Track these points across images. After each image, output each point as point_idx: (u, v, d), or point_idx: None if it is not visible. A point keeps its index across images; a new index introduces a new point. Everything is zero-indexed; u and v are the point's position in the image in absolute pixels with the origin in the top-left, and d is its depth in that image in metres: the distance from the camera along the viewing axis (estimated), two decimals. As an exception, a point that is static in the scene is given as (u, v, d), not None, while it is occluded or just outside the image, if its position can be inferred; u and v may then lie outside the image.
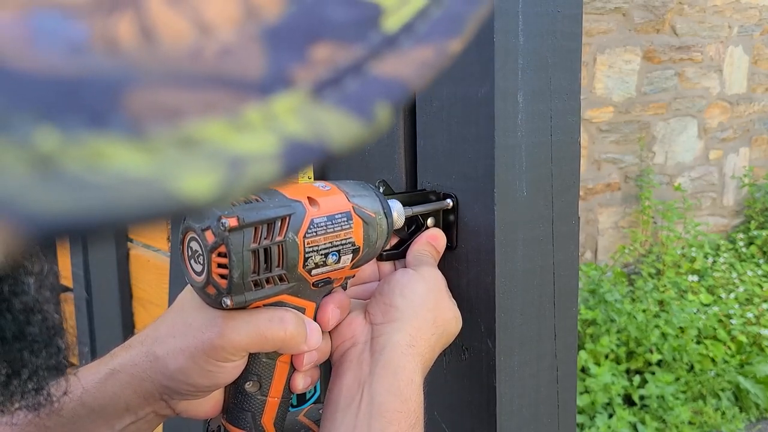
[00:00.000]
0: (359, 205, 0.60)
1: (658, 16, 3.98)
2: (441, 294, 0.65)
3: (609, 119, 3.93)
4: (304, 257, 0.56)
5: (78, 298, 1.57)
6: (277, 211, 0.55)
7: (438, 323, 0.63)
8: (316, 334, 0.59)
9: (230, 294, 0.53)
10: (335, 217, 0.58)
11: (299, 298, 0.59)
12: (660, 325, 3.28)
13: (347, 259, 0.60)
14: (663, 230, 4.05)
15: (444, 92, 0.70)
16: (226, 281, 0.53)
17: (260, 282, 0.55)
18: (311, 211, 0.57)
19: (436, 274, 0.66)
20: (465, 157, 0.68)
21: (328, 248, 0.58)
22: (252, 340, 0.55)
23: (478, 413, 0.71)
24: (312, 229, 0.56)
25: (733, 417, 2.96)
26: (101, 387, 0.57)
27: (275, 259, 0.55)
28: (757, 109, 4.64)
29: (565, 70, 0.70)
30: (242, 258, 0.53)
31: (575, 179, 0.72)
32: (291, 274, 0.56)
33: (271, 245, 0.54)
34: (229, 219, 0.52)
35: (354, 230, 0.59)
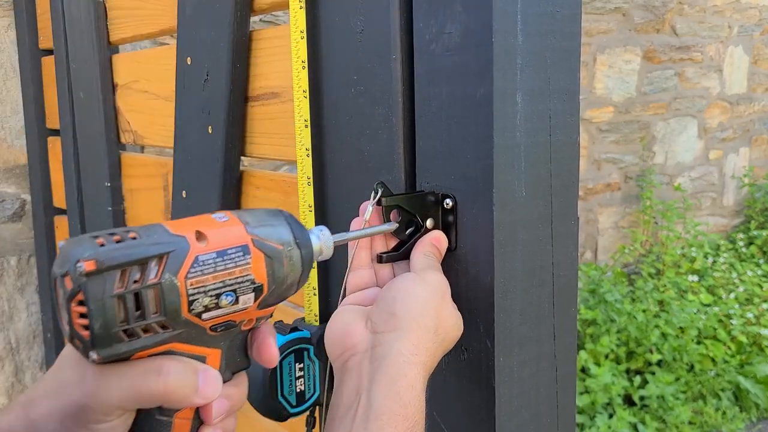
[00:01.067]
0: (260, 237, 0.53)
1: (658, 16, 3.98)
2: (443, 300, 0.65)
3: (609, 119, 3.93)
4: (188, 300, 0.49)
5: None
6: (150, 249, 0.48)
7: (439, 331, 0.63)
8: (213, 383, 0.52)
9: (95, 347, 0.47)
10: (227, 252, 0.51)
11: (195, 345, 0.52)
12: (660, 325, 3.28)
13: (248, 299, 0.52)
14: (663, 230, 4.05)
15: (443, 92, 0.70)
16: (88, 332, 0.47)
17: (134, 331, 0.48)
18: (197, 247, 0.50)
19: (439, 278, 0.66)
20: (464, 157, 0.68)
21: (219, 288, 0.51)
22: (126, 397, 0.48)
23: (477, 413, 0.71)
24: (196, 267, 0.49)
25: (733, 417, 2.96)
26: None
27: (150, 305, 0.48)
28: (757, 109, 4.64)
29: (564, 70, 0.70)
30: (104, 306, 0.46)
31: (574, 179, 0.72)
32: (174, 320, 0.49)
33: (141, 289, 0.47)
34: (86, 262, 0.46)
35: (253, 266, 0.52)
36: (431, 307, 0.63)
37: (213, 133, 1.02)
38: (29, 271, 1.76)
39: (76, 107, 1.46)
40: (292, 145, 0.93)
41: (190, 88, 1.07)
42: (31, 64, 1.64)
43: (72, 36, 1.43)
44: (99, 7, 1.34)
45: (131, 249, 0.48)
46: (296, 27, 0.83)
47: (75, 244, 0.48)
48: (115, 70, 1.38)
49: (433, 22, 0.69)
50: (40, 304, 1.77)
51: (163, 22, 1.20)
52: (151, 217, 1.33)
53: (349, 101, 0.80)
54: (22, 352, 1.77)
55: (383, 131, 0.76)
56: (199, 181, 1.08)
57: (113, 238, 0.48)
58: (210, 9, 0.99)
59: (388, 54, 0.74)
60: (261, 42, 0.98)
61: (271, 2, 0.94)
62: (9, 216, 1.73)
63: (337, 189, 0.84)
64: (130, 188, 1.39)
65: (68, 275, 0.47)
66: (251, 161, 1.99)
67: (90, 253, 0.46)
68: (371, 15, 0.75)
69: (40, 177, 1.68)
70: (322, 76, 0.83)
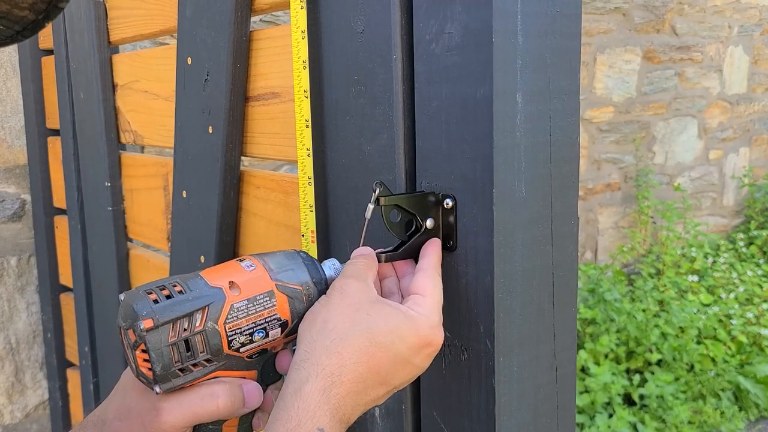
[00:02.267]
0: (283, 282, 0.64)
1: (658, 16, 3.98)
2: (349, 307, 0.63)
3: (609, 119, 3.93)
4: (228, 341, 0.61)
5: (78, 298, 1.57)
6: (194, 304, 0.59)
7: (337, 331, 0.61)
8: (256, 396, 0.64)
9: (158, 383, 0.59)
10: (257, 298, 0.62)
11: (236, 371, 0.63)
12: (660, 325, 3.28)
13: (276, 333, 0.64)
14: (663, 230, 4.05)
15: (443, 93, 0.70)
16: (151, 373, 0.58)
17: (187, 368, 0.60)
18: (231, 297, 0.61)
19: (354, 287, 0.64)
20: (464, 157, 0.68)
21: (252, 328, 0.62)
22: (189, 418, 0.61)
23: (477, 413, 0.71)
24: (232, 314, 0.60)
25: (732, 417, 2.96)
26: None
27: (198, 347, 0.59)
28: (757, 109, 4.64)
29: (564, 70, 0.70)
30: (162, 353, 0.58)
31: (574, 179, 0.72)
32: (217, 356, 0.61)
33: (190, 336, 0.59)
34: (145, 321, 0.57)
35: (278, 307, 0.63)
36: (330, 318, 0.62)
37: (213, 133, 1.02)
38: (29, 271, 1.76)
39: (76, 107, 1.46)
40: (293, 145, 0.93)
41: (190, 88, 1.07)
42: (31, 64, 1.64)
43: (72, 36, 1.43)
44: (99, 7, 1.34)
45: (179, 305, 0.59)
46: (297, 27, 0.83)
47: (134, 300, 0.59)
48: (115, 70, 1.38)
49: (434, 22, 0.70)
50: (40, 304, 1.77)
51: (163, 22, 1.20)
52: (151, 217, 1.33)
53: (350, 101, 0.80)
54: (22, 352, 1.77)
55: (383, 131, 0.76)
56: (199, 181, 1.08)
57: (163, 292, 0.59)
58: (210, 9, 0.99)
59: (389, 54, 0.74)
60: (261, 42, 0.98)
61: (271, 2, 0.94)
62: (9, 216, 1.73)
63: (337, 189, 0.84)
64: (130, 188, 1.39)
65: (131, 330, 0.58)
66: (251, 161, 1.99)
67: (147, 312, 0.57)
68: (372, 15, 0.75)
69: (40, 177, 1.68)
70: (322, 76, 0.83)
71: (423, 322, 0.62)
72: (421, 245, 0.70)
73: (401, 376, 0.62)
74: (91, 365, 1.55)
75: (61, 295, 1.73)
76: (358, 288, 0.63)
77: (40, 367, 1.79)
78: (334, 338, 0.59)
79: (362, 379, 0.59)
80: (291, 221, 0.95)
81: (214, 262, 1.06)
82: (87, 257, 1.51)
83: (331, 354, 0.59)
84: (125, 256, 1.42)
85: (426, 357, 0.63)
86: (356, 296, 0.62)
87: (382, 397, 0.62)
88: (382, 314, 0.61)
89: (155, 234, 1.32)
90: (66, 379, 1.76)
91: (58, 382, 1.75)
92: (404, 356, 0.61)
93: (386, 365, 0.60)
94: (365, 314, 0.61)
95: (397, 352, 0.60)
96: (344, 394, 0.58)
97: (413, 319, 0.62)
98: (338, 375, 0.58)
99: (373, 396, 0.61)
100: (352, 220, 0.81)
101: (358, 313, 0.61)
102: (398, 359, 0.60)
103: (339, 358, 0.58)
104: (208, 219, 1.06)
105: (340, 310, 0.61)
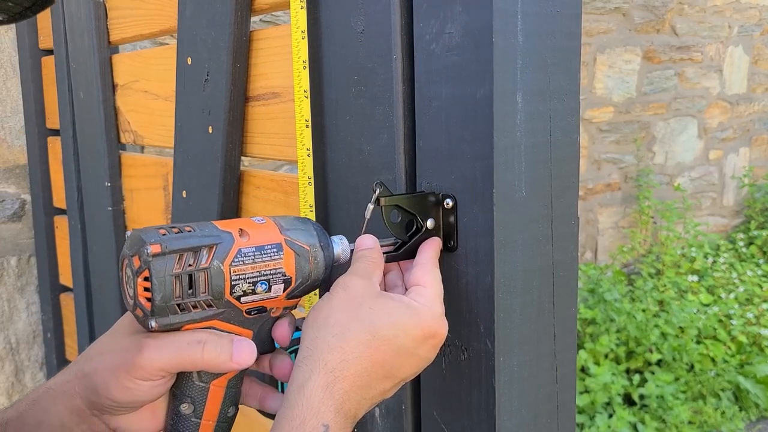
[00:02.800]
0: (291, 238, 0.63)
1: (658, 16, 3.98)
2: (352, 303, 0.62)
3: (609, 119, 3.93)
4: (231, 284, 0.60)
5: (78, 298, 1.57)
6: (203, 240, 0.59)
7: (342, 328, 0.60)
8: (247, 352, 0.61)
9: (154, 316, 0.57)
10: (264, 247, 0.61)
11: (233, 325, 0.62)
12: (660, 325, 3.28)
13: (279, 289, 0.63)
14: (663, 230, 4.05)
15: (443, 93, 0.70)
16: (150, 303, 0.57)
17: (186, 306, 0.58)
18: (240, 242, 0.60)
19: (354, 283, 0.63)
20: (464, 157, 0.68)
21: (255, 277, 0.61)
22: (170, 361, 0.58)
23: (477, 413, 0.71)
24: (239, 257, 0.60)
25: (732, 417, 2.96)
26: (37, 404, 0.62)
27: (200, 285, 0.58)
28: (757, 109, 4.64)
29: (565, 70, 0.70)
30: (164, 282, 0.57)
31: (574, 179, 0.72)
32: (218, 300, 0.60)
33: (195, 271, 0.58)
34: (153, 246, 0.56)
35: (285, 261, 0.62)
36: (332, 315, 0.61)
37: (213, 133, 1.02)
38: (29, 271, 1.76)
39: (76, 107, 1.46)
40: (293, 145, 0.93)
41: (190, 88, 1.07)
42: (31, 64, 1.64)
43: (72, 36, 1.43)
44: (99, 7, 1.34)
45: (188, 239, 0.58)
46: (297, 27, 0.83)
47: (142, 231, 0.58)
48: (115, 70, 1.38)
49: (434, 22, 0.70)
50: (40, 304, 1.77)
51: (163, 22, 1.20)
52: (151, 217, 1.33)
53: (350, 101, 0.80)
54: (22, 352, 1.77)
55: (384, 131, 0.76)
56: (199, 180, 1.08)
57: (173, 230, 0.59)
58: (210, 9, 0.99)
59: (389, 54, 0.74)
60: (261, 42, 0.98)
61: (271, 2, 0.94)
62: (9, 216, 1.73)
63: (337, 189, 0.84)
64: (130, 188, 1.39)
65: (137, 255, 0.57)
66: (251, 161, 1.99)
67: (156, 239, 0.57)
68: (372, 15, 0.75)
69: (40, 177, 1.68)
70: (322, 76, 0.83)
71: (426, 312, 0.62)
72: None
73: (407, 368, 0.61)
74: (91, 365, 1.55)
75: (61, 295, 1.73)
76: (361, 285, 0.63)
77: (40, 367, 1.79)
78: (336, 333, 0.59)
79: (366, 373, 0.58)
80: (291, 221, 0.95)
81: (214, 262, 1.06)
82: (87, 257, 1.51)
83: (333, 349, 0.58)
84: (125, 256, 1.41)
85: (431, 348, 0.62)
86: (358, 292, 0.62)
87: (389, 391, 0.62)
88: (385, 308, 0.61)
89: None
90: (66, 379, 1.75)
91: (58, 382, 1.75)
92: (408, 348, 0.60)
93: (390, 358, 0.60)
94: (367, 308, 0.60)
95: (401, 345, 0.60)
96: (348, 388, 0.57)
97: (416, 310, 0.61)
98: (341, 370, 0.57)
99: (379, 390, 0.60)
100: (352, 220, 0.81)
101: (361, 307, 0.60)
102: (402, 351, 0.60)
103: (341, 353, 0.58)
104: (208, 219, 1.06)
105: (342, 306, 0.61)
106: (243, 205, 1.06)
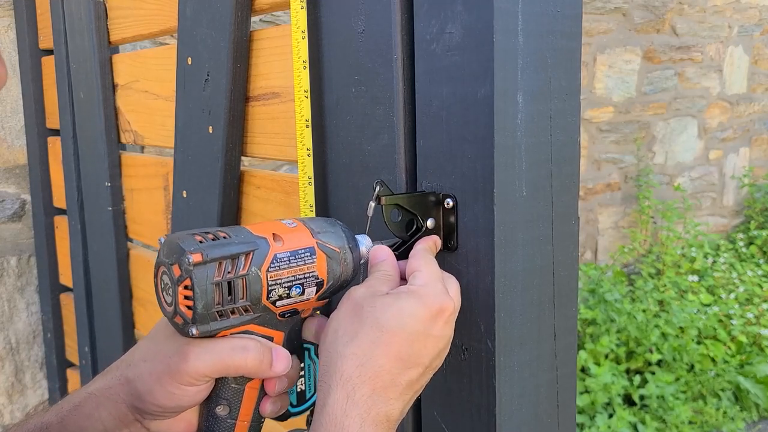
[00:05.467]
0: (323, 241, 0.64)
1: (658, 16, 3.98)
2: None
3: (609, 119, 3.93)
4: (268, 290, 0.60)
5: (78, 298, 1.57)
6: (240, 247, 0.59)
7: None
8: (284, 361, 0.63)
9: (195, 324, 0.58)
10: (299, 252, 0.62)
11: (267, 328, 0.63)
12: (660, 325, 3.28)
13: (311, 292, 0.64)
14: (663, 230, 4.05)
15: (444, 92, 0.70)
16: (191, 312, 0.57)
17: (225, 312, 0.59)
18: (275, 247, 0.61)
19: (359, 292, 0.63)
20: (464, 157, 0.68)
21: (291, 281, 0.62)
22: (215, 367, 0.59)
23: (477, 413, 0.71)
24: (275, 263, 0.61)
25: (733, 417, 2.96)
26: (79, 410, 0.63)
27: (239, 292, 0.59)
28: (757, 109, 4.64)
29: (565, 70, 0.70)
30: (206, 290, 0.57)
31: (575, 179, 0.72)
32: (255, 305, 0.60)
33: (234, 279, 0.58)
34: (194, 255, 0.56)
35: (317, 264, 0.63)
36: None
37: (213, 132, 1.02)
38: (29, 271, 1.76)
39: (76, 107, 1.46)
40: (293, 145, 0.93)
41: (190, 88, 1.07)
42: (31, 64, 1.64)
43: (72, 36, 1.43)
44: (99, 7, 1.34)
45: (226, 246, 0.59)
46: (297, 27, 0.83)
47: (179, 239, 0.58)
48: (115, 70, 1.38)
49: (434, 22, 0.70)
50: (40, 304, 1.77)
51: (163, 22, 1.20)
52: (151, 218, 1.33)
53: (350, 101, 0.80)
54: (22, 352, 1.77)
55: (384, 131, 0.76)
56: (199, 181, 1.08)
57: (209, 236, 0.59)
58: (210, 9, 0.99)
59: (389, 54, 0.74)
60: (261, 42, 0.98)
61: (271, 2, 0.94)
62: (9, 216, 1.73)
63: (338, 188, 0.84)
64: (130, 188, 1.39)
65: (176, 264, 0.57)
66: (251, 161, 1.99)
67: (196, 247, 0.57)
68: (372, 15, 0.75)
69: (40, 177, 1.68)
70: (323, 76, 0.83)
71: (426, 292, 0.62)
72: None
73: (428, 351, 0.61)
74: (91, 365, 1.55)
75: (61, 295, 1.73)
76: (362, 291, 0.63)
77: (40, 367, 1.79)
78: (345, 342, 0.59)
79: (386, 371, 0.58)
80: (291, 221, 0.95)
81: (214, 262, 1.05)
82: (87, 257, 1.51)
83: (346, 358, 0.58)
84: (125, 256, 1.42)
85: (444, 324, 0.62)
86: (360, 297, 0.62)
87: (418, 380, 0.61)
88: (386, 302, 0.61)
89: (155, 234, 1.32)
90: (66, 379, 1.76)
91: (58, 382, 1.75)
92: (420, 331, 0.60)
93: (405, 348, 0.59)
94: (369, 308, 0.60)
95: (411, 331, 0.59)
96: (370, 392, 0.57)
97: (415, 293, 0.61)
98: (358, 376, 0.57)
99: (406, 381, 0.59)
100: (353, 220, 0.81)
101: (363, 310, 0.61)
102: (415, 337, 0.60)
103: (355, 359, 0.58)
104: (208, 219, 1.06)
105: (348, 315, 0.61)
106: (243, 205, 1.06)
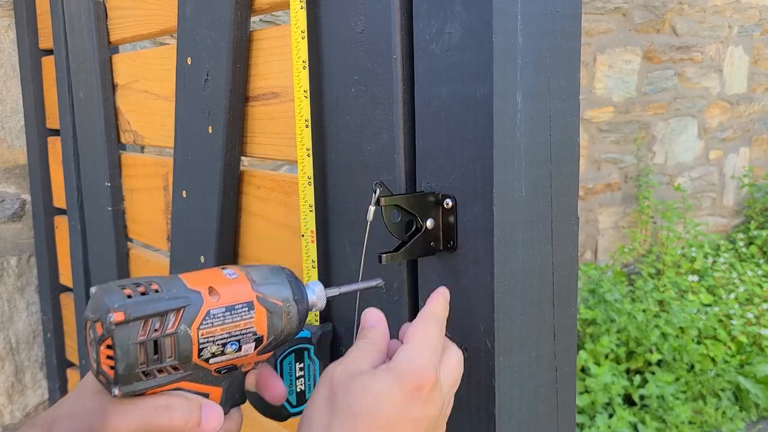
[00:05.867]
0: (264, 294, 0.61)
1: (658, 16, 3.98)
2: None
3: (609, 119, 3.93)
4: (199, 348, 0.57)
5: (78, 298, 1.57)
6: (170, 303, 0.56)
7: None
8: (215, 420, 0.59)
9: (118, 384, 0.55)
10: (235, 307, 0.59)
11: (201, 384, 0.59)
12: (660, 325, 3.28)
13: (249, 348, 0.60)
14: (663, 230, 4.05)
15: (443, 92, 0.70)
16: (113, 372, 0.54)
17: (151, 372, 0.56)
18: (209, 302, 0.58)
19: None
20: (464, 157, 0.68)
21: (225, 338, 0.58)
22: (135, 427, 0.55)
23: (477, 413, 0.71)
24: (208, 320, 0.57)
25: (733, 417, 2.96)
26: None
27: (166, 351, 0.56)
28: (757, 109, 4.64)
29: (564, 70, 0.70)
30: (128, 351, 0.54)
31: (574, 179, 0.72)
32: (185, 364, 0.57)
33: (161, 338, 0.55)
34: (116, 314, 0.53)
35: (256, 319, 0.60)
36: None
37: (213, 132, 1.02)
38: (29, 271, 1.76)
39: (76, 107, 1.46)
40: (293, 145, 0.93)
41: (190, 88, 1.07)
42: (31, 64, 1.64)
43: (72, 36, 1.43)
44: (99, 7, 1.34)
45: (154, 303, 0.55)
46: (297, 27, 0.83)
47: (106, 293, 0.55)
48: (115, 70, 1.38)
49: (434, 22, 0.70)
50: (40, 304, 1.77)
51: (163, 22, 1.20)
52: (151, 217, 1.33)
53: (350, 101, 0.80)
54: (22, 352, 1.77)
55: (383, 131, 0.76)
56: (199, 181, 1.08)
57: (138, 289, 0.56)
58: (210, 9, 0.99)
59: (389, 54, 0.74)
60: (261, 42, 0.98)
61: (271, 2, 0.94)
62: (9, 216, 1.73)
63: (337, 188, 0.84)
64: (130, 188, 1.39)
65: (99, 322, 0.54)
66: (251, 161, 1.99)
67: (119, 305, 0.54)
68: (372, 15, 0.75)
69: (40, 177, 1.68)
70: (322, 76, 0.83)
71: (404, 368, 0.57)
72: (422, 246, 0.70)
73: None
74: (91, 365, 1.55)
75: (61, 295, 1.73)
76: (340, 370, 0.58)
77: (40, 367, 1.79)
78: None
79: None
80: (291, 221, 0.95)
81: (214, 262, 1.06)
82: (87, 257, 1.51)
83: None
84: (125, 256, 1.42)
85: (424, 404, 0.56)
86: (335, 383, 0.57)
87: None
88: (363, 385, 0.56)
89: (155, 234, 1.32)
90: (66, 379, 1.76)
91: (58, 382, 1.75)
92: (398, 415, 0.55)
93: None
94: (342, 395, 0.56)
95: (389, 417, 0.54)
96: None
97: (392, 371, 0.56)
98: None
99: None
100: (352, 220, 0.81)
101: (336, 396, 0.56)
102: (393, 422, 0.54)
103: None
104: (208, 219, 1.06)
105: (321, 402, 0.57)
106: (243, 205, 1.06)
